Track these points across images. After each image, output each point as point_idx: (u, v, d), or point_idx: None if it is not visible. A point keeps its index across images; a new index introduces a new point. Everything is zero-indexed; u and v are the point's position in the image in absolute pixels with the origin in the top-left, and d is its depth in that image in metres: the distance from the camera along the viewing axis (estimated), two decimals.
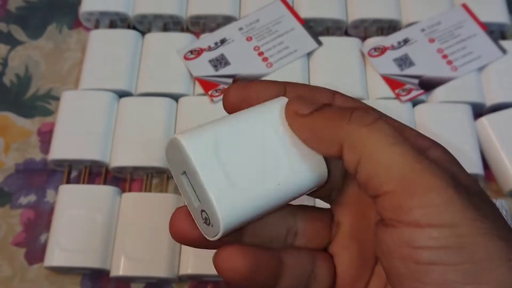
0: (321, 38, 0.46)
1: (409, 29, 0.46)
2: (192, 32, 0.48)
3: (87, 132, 0.41)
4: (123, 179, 0.43)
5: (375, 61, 0.45)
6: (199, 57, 0.45)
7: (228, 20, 0.47)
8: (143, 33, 0.47)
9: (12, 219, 0.41)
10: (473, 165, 0.40)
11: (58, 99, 0.44)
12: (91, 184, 0.42)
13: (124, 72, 0.44)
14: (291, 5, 0.47)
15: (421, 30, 0.46)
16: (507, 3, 0.48)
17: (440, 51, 0.45)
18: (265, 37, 0.45)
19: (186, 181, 0.20)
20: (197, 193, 0.19)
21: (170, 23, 0.48)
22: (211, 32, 0.46)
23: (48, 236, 0.39)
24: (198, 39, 0.46)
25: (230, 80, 0.43)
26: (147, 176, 0.42)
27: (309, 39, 0.45)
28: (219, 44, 0.45)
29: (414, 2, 0.47)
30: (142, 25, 0.48)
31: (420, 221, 0.17)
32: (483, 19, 0.46)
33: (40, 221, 0.41)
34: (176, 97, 0.44)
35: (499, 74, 0.44)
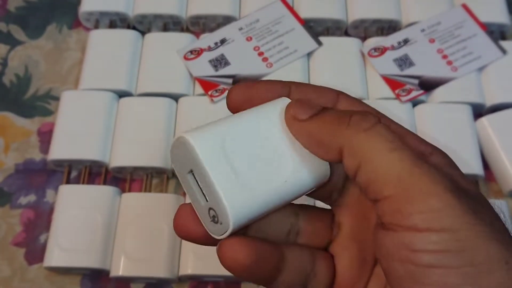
0: (321, 38, 0.46)
1: (409, 29, 0.46)
2: (192, 32, 0.48)
3: (87, 132, 0.41)
4: (123, 179, 0.43)
5: (375, 61, 0.45)
6: (199, 57, 0.45)
7: (228, 20, 0.47)
8: (143, 33, 0.47)
9: (12, 219, 0.41)
10: (473, 166, 0.40)
11: (58, 99, 0.44)
12: (91, 184, 0.42)
13: (124, 72, 0.44)
14: (291, 5, 0.47)
15: (421, 30, 0.46)
16: (507, 3, 0.48)
17: (440, 51, 0.45)
18: (265, 37, 0.45)
19: (192, 179, 0.20)
20: (204, 191, 0.19)
21: (170, 23, 0.48)
22: (211, 32, 0.46)
23: (47, 236, 0.39)
24: (198, 39, 0.46)
25: (230, 80, 0.43)
26: (147, 176, 0.42)
27: (309, 39, 0.45)
28: (219, 44, 0.45)
29: (414, 2, 0.47)
30: (142, 25, 0.48)
31: (419, 226, 0.17)
32: (483, 19, 0.46)
33: (40, 221, 0.41)
34: (176, 97, 0.44)
35: (499, 74, 0.44)
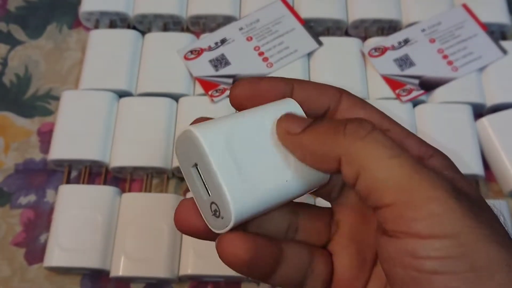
0: (321, 38, 0.46)
1: (409, 29, 0.46)
2: (192, 32, 0.48)
3: (87, 132, 0.41)
4: (123, 179, 0.42)
5: (376, 61, 0.45)
6: (199, 57, 0.45)
7: (228, 20, 0.47)
8: (143, 33, 0.47)
9: (12, 219, 0.41)
10: (474, 166, 0.40)
11: (58, 99, 0.44)
12: (91, 184, 0.42)
13: (124, 72, 0.44)
14: (292, 5, 0.47)
15: (422, 30, 0.46)
16: (507, 3, 0.48)
17: (441, 51, 0.45)
18: (266, 37, 0.45)
19: (196, 173, 0.20)
20: (207, 185, 0.20)
21: (170, 23, 0.48)
22: (211, 32, 0.46)
23: (48, 236, 0.39)
24: (198, 39, 0.46)
25: (230, 80, 0.43)
26: (147, 176, 0.42)
27: (310, 39, 0.45)
28: (219, 44, 0.45)
29: (414, 2, 0.47)
30: (142, 25, 0.48)
31: (422, 232, 0.17)
32: (483, 19, 0.46)
33: (40, 221, 0.41)
34: (176, 97, 0.44)
35: (499, 74, 0.44)
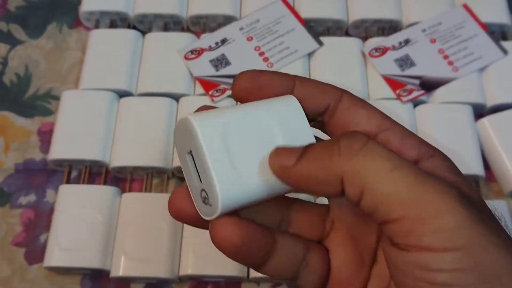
0: (321, 38, 0.46)
1: (410, 30, 0.46)
2: (193, 32, 0.48)
3: (87, 132, 0.41)
4: (123, 179, 0.42)
5: (376, 61, 0.45)
6: (199, 57, 0.45)
7: (228, 20, 0.47)
8: (144, 33, 0.47)
9: (12, 219, 0.41)
10: (474, 166, 0.40)
11: (58, 98, 0.44)
12: (91, 184, 0.42)
13: (124, 72, 0.44)
14: (292, 5, 0.47)
15: (422, 30, 0.46)
16: (508, 3, 0.47)
17: (441, 51, 0.45)
18: (266, 37, 0.45)
19: (190, 160, 0.21)
20: (199, 172, 0.20)
21: (170, 23, 0.48)
22: (211, 32, 0.46)
23: (48, 236, 0.39)
24: (198, 39, 0.46)
25: (231, 80, 0.43)
26: (147, 176, 0.42)
27: (310, 39, 0.45)
28: (219, 44, 0.45)
29: (415, 2, 0.47)
30: (142, 24, 0.48)
31: (433, 246, 0.17)
32: (484, 19, 0.46)
33: (40, 221, 0.41)
34: (176, 97, 0.44)
35: (500, 74, 0.44)
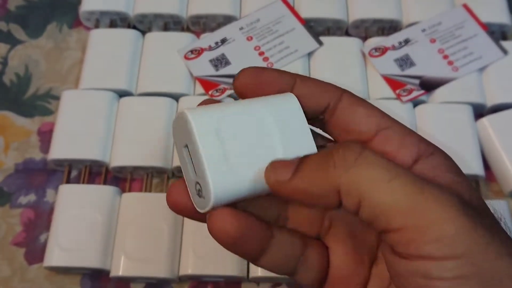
0: (321, 38, 0.46)
1: (410, 29, 0.46)
2: (193, 31, 0.48)
3: (87, 132, 0.41)
4: (123, 178, 0.42)
5: (376, 61, 0.45)
6: (199, 57, 0.45)
7: (228, 20, 0.47)
8: (144, 33, 0.47)
9: (12, 219, 0.41)
10: (474, 166, 0.40)
11: (58, 98, 0.44)
12: (91, 184, 0.42)
13: (124, 71, 0.44)
14: (292, 5, 0.47)
15: (422, 30, 0.46)
16: (508, 3, 0.47)
17: (441, 51, 0.45)
18: (266, 37, 0.45)
19: (186, 153, 0.21)
20: (194, 165, 0.20)
21: (170, 23, 0.48)
22: (211, 32, 0.46)
23: (47, 236, 0.39)
24: (198, 38, 0.46)
25: (231, 80, 0.43)
26: (147, 175, 0.42)
27: (310, 39, 0.45)
28: (219, 43, 0.45)
29: (415, 2, 0.47)
30: (142, 24, 0.48)
31: (434, 255, 0.17)
32: (484, 19, 0.46)
33: (40, 221, 0.41)
34: (176, 97, 0.43)
35: (500, 74, 0.44)
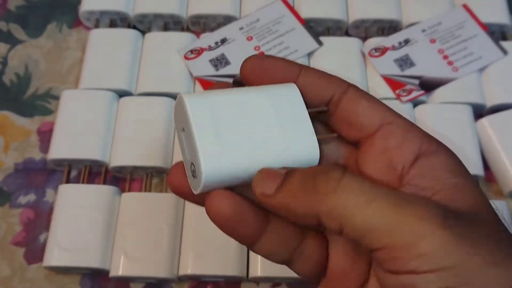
0: (321, 38, 0.46)
1: (409, 30, 0.46)
2: (193, 31, 0.48)
3: (86, 132, 0.41)
4: (122, 178, 0.42)
5: (376, 61, 0.45)
6: (199, 57, 0.45)
7: (228, 20, 0.47)
8: (143, 33, 0.47)
9: (12, 218, 0.41)
10: (474, 166, 0.40)
11: (58, 98, 0.44)
12: (91, 184, 0.42)
13: (124, 71, 0.44)
14: (292, 5, 0.47)
15: (422, 30, 0.46)
16: (508, 3, 0.47)
17: (441, 51, 0.45)
18: (266, 36, 0.45)
19: (184, 137, 0.21)
20: (190, 147, 0.21)
21: (170, 23, 0.48)
22: (211, 32, 0.46)
23: (47, 236, 0.39)
24: (198, 38, 0.46)
25: (231, 80, 0.43)
26: (147, 175, 0.42)
27: (310, 39, 0.45)
28: (219, 43, 0.45)
29: (414, 3, 0.47)
30: (142, 24, 0.48)
31: (418, 270, 0.17)
32: (483, 19, 0.46)
33: (40, 220, 0.41)
34: (176, 97, 0.43)
35: (499, 75, 0.44)
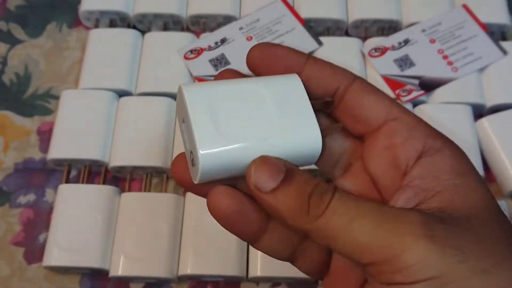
0: (321, 38, 0.46)
1: (409, 30, 0.46)
2: (192, 31, 0.48)
3: (86, 132, 0.41)
4: (122, 178, 0.42)
5: (376, 61, 0.45)
6: (199, 57, 0.45)
7: (228, 20, 0.47)
8: (143, 32, 0.47)
9: (11, 218, 0.41)
10: None
11: (58, 98, 0.44)
12: (91, 184, 0.42)
13: (124, 71, 0.44)
14: (292, 5, 0.47)
15: (422, 30, 0.46)
16: (507, 3, 0.47)
17: (441, 51, 0.45)
18: (266, 37, 0.45)
19: (184, 127, 0.21)
20: (189, 136, 0.21)
21: (170, 23, 0.48)
22: (211, 32, 0.46)
23: (47, 236, 0.39)
24: (198, 38, 0.46)
25: None
26: (146, 175, 0.42)
27: (310, 39, 0.45)
28: (219, 43, 0.45)
29: (414, 3, 0.47)
30: (142, 24, 0.48)
31: (404, 281, 0.17)
32: (483, 19, 0.46)
33: (39, 220, 0.41)
34: (176, 96, 0.43)
35: (499, 75, 0.44)
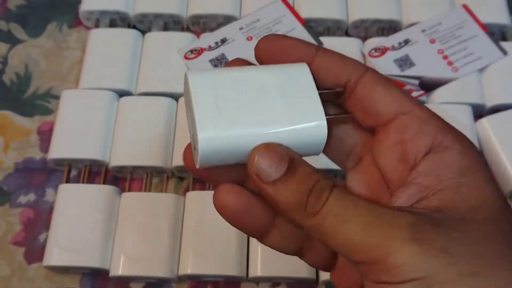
0: (321, 38, 0.46)
1: (409, 30, 0.46)
2: (193, 31, 0.48)
3: (87, 131, 0.41)
4: (122, 178, 0.42)
5: (376, 61, 0.45)
6: (199, 57, 0.45)
7: (228, 20, 0.47)
8: (144, 32, 0.47)
9: (12, 218, 0.41)
10: None
11: (58, 98, 0.44)
12: (91, 184, 0.42)
13: (124, 71, 0.44)
14: (292, 5, 0.47)
15: (422, 30, 0.46)
16: (508, 4, 0.48)
17: (441, 51, 0.45)
18: None
19: (189, 112, 0.21)
20: (191, 121, 0.21)
21: (170, 23, 0.48)
22: (211, 32, 0.46)
23: (47, 236, 0.39)
24: (198, 38, 0.46)
25: None
26: (147, 175, 0.42)
27: (310, 39, 0.45)
28: (219, 43, 0.45)
29: (414, 3, 0.47)
30: (142, 24, 0.48)
31: (391, 281, 0.18)
32: (483, 20, 0.46)
33: (40, 220, 0.41)
34: (176, 96, 0.44)
35: (499, 75, 0.44)
